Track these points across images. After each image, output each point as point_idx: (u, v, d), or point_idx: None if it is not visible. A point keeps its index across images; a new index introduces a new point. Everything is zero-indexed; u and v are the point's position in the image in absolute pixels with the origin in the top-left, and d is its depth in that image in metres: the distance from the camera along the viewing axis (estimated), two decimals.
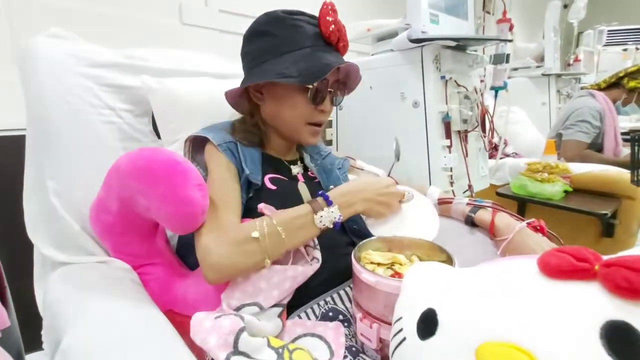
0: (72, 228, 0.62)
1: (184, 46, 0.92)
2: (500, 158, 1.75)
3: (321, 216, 0.54)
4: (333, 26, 0.62)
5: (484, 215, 0.72)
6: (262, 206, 0.56)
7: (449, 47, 1.20)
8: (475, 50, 1.33)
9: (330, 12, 0.62)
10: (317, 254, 0.56)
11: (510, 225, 0.67)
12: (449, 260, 0.50)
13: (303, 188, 0.67)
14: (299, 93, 0.64)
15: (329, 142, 1.62)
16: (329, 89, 0.66)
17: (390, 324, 0.46)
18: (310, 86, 0.62)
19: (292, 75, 0.60)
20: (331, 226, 0.55)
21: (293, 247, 0.55)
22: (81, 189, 0.64)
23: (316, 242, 0.57)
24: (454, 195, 1.27)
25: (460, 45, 1.21)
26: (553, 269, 0.28)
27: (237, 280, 0.48)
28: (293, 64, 0.61)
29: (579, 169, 1.55)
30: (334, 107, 0.71)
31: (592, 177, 1.55)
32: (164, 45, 0.89)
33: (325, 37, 0.63)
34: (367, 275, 0.46)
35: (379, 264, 0.53)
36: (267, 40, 0.65)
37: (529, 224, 0.67)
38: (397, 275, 0.50)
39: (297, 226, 0.54)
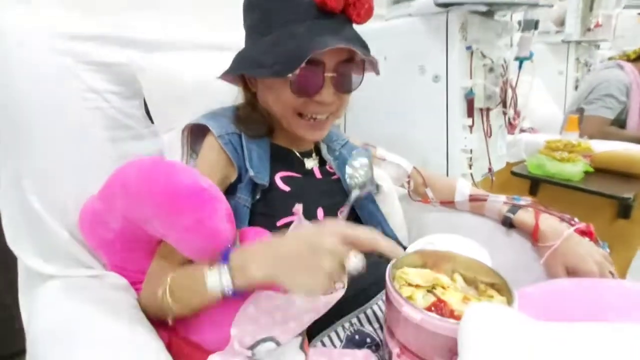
0: (58, 235, 0.54)
1: (177, 11, 0.78)
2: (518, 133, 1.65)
3: (207, 277, 0.41)
4: None
5: (525, 217, 0.64)
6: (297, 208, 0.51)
7: (477, 12, 1.06)
8: (505, 16, 1.19)
9: None
10: (344, 277, 0.48)
11: (557, 230, 0.60)
12: (505, 288, 0.43)
13: None
14: (282, 82, 0.51)
15: None
16: (330, 74, 0.51)
17: None
18: (290, 75, 0.49)
19: (266, 65, 0.49)
20: (222, 294, 0.41)
21: (190, 313, 0.44)
22: (65, 189, 0.56)
23: None
24: (473, 180, 1.20)
25: (490, 10, 1.07)
26: None
27: (248, 311, 0.41)
28: (272, 47, 0.50)
29: (601, 147, 1.46)
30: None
31: (614, 156, 1.47)
32: (154, 9, 0.75)
33: (320, 6, 0.49)
34: (410, 310, 0.39)
35: (417, 287, 0.45)
36: (256, 15, 0.54)
37: (577, 228, 0.60)
38: (440, 302, 0.43)
39: (189, 290, 0.43)
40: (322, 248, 0.38)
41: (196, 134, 0.62)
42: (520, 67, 1.38)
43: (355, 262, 0.41)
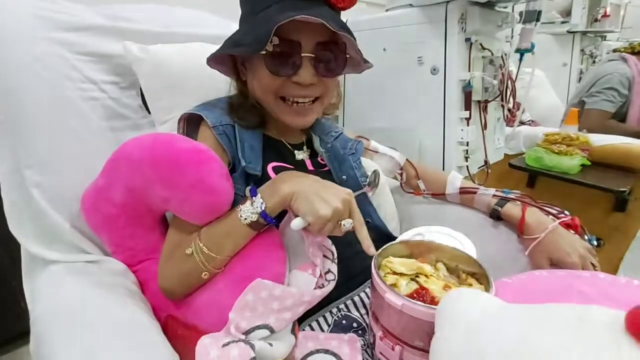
0: (58, 223, 0.56)
1: (174, 2, 0.79)
2: (517, 126, 1.65)
3: (240, 210, 0.48)
4: None
5: (512, 210, 0.66)
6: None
7: (477, 3, 1.05)
8: (505, 7, 1.17)
9: None
10: (334, 268, 0.50)
11: (542, 223, 0.61)
12: (483, 277, 0.45)
13: None
14: (262, 63, 0.53)
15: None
16: (308, 54, 0.52)
17: (415, 347, 0.41)
18: (264, 52, 0.50)
19: (243, 44, 0.51)
20: (256, 219, 0.47)
21: (230, 254, 0.49)
22: (66, 179, 0.57)
23: (335, 255, 0.51)
24: (469, 173, 1.21)
25: (491, 1, 1.06)
26: None
27: (247, 298, 0.43)
28: (251, 29, 0.51)
29: (599, 141, 1.46)
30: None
31: (611, 150, 1.47)
32: (150, 0, 0.76)
33: None
34: (392, 297, 0.41)
35: (401, 275, 0.47)
36: (245, 4, 0.55)
37: (562, 221, 0.61)
38: (422, 289, 0.45)
39: (222, 234, 0.49)
40: (338, 192, 0.47)
41: (191, 124, 0.63)
42: (520, 59, 1.37)
43: (349, 221, 0.47)
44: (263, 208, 0.47)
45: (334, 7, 0.52)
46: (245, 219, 0.47)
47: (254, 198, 0.47)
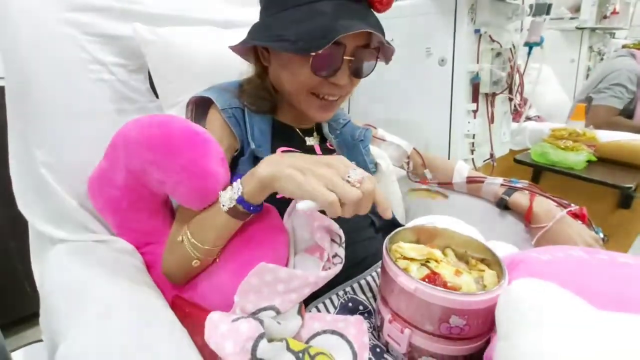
0: (67, 203, 0.56)
1: None
2: (523, 121, 1.64)
3: (220, 196, 0.45)
4: None
5: (520, 199, 0.65)
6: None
7: None
8: None
9: None
10: (341, 252, 0.50)
11: (549, 212, 0.61)
12: (495, 264, 0.44)
13: None
14: (301, 60, 0.51)
15: None
16: (348, 57, 0.51)
17: (425, 331, 0.41)
18: (314, 54, 0.48)
19: (289, 39, 0.49)
20: (234, 205, 0.44)
21: (216, 245, 0.47)
22: (74, 160, 0.57)
23: (342, 239, 0.51)
24: (474, 166, 1.21)
25: None
26: None
27: (251, 281, 0.43)
28: (294, 23, 0.49)
29: (606, 137, 1.45)
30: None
31: (618, 147, 1.46)
32: None
33: None
34: (405, 280, 0.41)
35: (412, 260, 0.47)
36: None
37: (569, 211, 0.61)
38: (434, 274, 0.44)
39: (205, 222, 0.47)
40: (322, 159, 0.42)
41: (200, 107, 0.63)
42: (529, 52, 1.35)
43: (354, 172, 0.40)
44: (240, 193, 0.43)
45: (374, 8, 0.52)
46: (224, 205, 0.45)
47: (233, 184, 0.45)
